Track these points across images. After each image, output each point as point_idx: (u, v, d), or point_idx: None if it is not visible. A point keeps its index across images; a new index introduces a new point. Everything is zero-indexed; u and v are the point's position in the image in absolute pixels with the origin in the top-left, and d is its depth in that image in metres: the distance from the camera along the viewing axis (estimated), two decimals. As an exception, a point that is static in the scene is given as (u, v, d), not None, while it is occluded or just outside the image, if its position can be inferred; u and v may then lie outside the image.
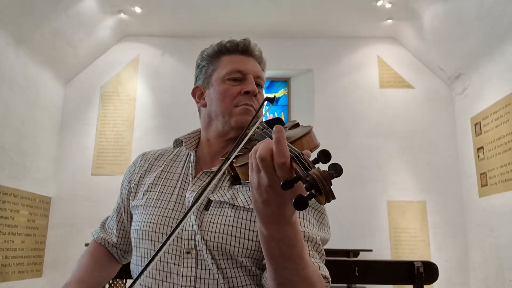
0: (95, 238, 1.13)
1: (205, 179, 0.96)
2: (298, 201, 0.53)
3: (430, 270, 1.16)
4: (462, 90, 4.72)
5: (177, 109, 4.90)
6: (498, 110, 4.00)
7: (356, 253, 4.29)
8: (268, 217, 0.65)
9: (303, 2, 4.56)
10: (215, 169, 0.96)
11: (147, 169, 1.07)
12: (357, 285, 3.26)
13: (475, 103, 4.44)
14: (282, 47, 5.14)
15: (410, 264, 1.18)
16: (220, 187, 0.93)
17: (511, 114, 3.82)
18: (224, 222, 0.87)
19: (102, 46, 5.06)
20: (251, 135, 0.84)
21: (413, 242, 4.64)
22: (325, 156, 0.58)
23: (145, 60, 5.19)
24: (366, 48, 5.21)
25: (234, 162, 0.79)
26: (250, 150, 0.66)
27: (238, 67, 1.00)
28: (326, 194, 0.52)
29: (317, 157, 0.59)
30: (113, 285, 3.27)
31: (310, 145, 0.75)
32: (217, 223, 0.87)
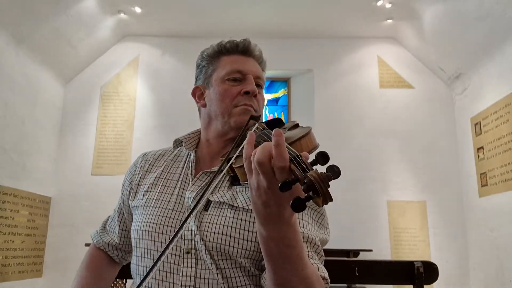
0: (95, 242, 1.13)
1: (204, 179, 0.96)
2: (296, 203, 0.53)
3: (430, 270, 1.16)
4: (462, 90, 4.72)
5: (177, 109, 4.90)
6: (498, 110, 4.00)
7: (356, 253, 4.29)
8: (267, 218, 0.65)
9: (303, 2, 4.56)
10: (215, 169, 0.96)
11: (148, 169, 1.07)
12: (357, 285, 3.26)
13: (475, 103, 4.45)
14: (282, 47, 5.14)
15: (410, 264, 1.18)
16: (219, 188, 0.93)
17: (511, 114, 3.82)
18: (223, 222, 0.87)
19: (102, 46, 5.06)
20: None
21: (413, 242, 4.64)
22: (323, 157, 0.58)
23: (145, 60, 5.19)
24: (366, 48, 5.21)
25: (234, 163, 0.79)
26: None
27: (238, 68, 1.00)
28: (323, 196, 0.52)
29: (315, 158, 0.59)
30: (113, 285, 3.27)
31: (309, 146, 0.74)
32: (216, 224, 0.87)
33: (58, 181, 4.77)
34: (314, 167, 0.57)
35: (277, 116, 5.41)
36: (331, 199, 0.52)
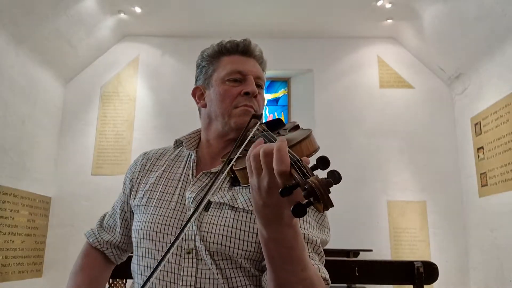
0: (91, 241, 1.12)
1: (204, 180, 0.96)
2: (297, 208, 0.53)
3: (430, 270, 1.16)
4: (462, 90, 4.72)
5: (177, 109, 4.90)
6: (498, 110, 4.00)
7: (356, 253, 4.29)
8: (268, 219, 0.65)
9: (303, 2, 4.56)
10: (215, 170, 0.96)
11: (149, 168, 1.07)
12: (357, 285, 3.26)
13: (475, 103, 4.45)
14: (282, 47, 5.14)
15: (410, 264, 1.18)
16: (220, 188, 0.93)
17: (511, 114, 3.82)
18: (223, 223, 0.87)
19: (102, 46, 5.06)
20: (251, 137, 0.84)
21: (413, 242, 4.64)
22: (323, 162, 0.59)
23: (145, 60, 5.19)
24: (366, 48, 5.21)
25: (234, 165, 0.79)
26: None
27: (238, 68, 0.99)
28: (324, 202, 0.52)
29: (315, 163, 0.59)
30: (113, 285, 3.27)
31: (309, 148, 0.75)
32: (216, 224, 0.87)
33: (58, 181, 4.77)
34: (315, 173, 0.58)
35: (277, 116, 5.41)
36: (332, 205, 0.53)
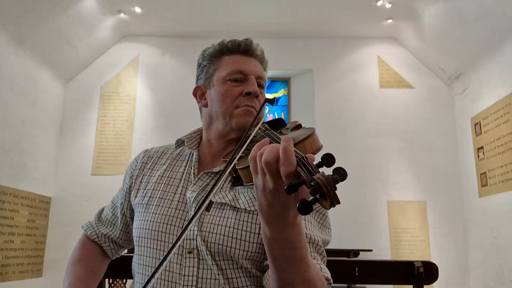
0: (88, 233, 1.10)
1: (205, 180, 0.96)
2: (303, 205, 0.53)
3: (430, 270, 1.16)
4: (462, 90, 4.72)
5: (177, 109, 4.90)
6: (498, 110, 4.00)
7: (356, 253, 4.29)
8: (271, 219, 0.65)
9: (303, 2, 4.56)
10: (216, 169, 0.96)
11: (151, 167, 1.06)
12: (357, 285, 3.26)
13: (475, 103, 4.44)
14: (282, 47, 5.14)
15: (410, 264, 1.18)
16: (221, 188, 0.93)
17: (511, 114, 3.82)
18: (224, 223, 0.87)
19: (102, 46, 5.06)
20: (253, 137, 0.83)
21: (413, 242, 4.64)
22: (329, 160, 0.58)
23: (145, 60, 5.19)
24: (366, 48, 5.21)
25: (237, 164, 0.79)
26: None
27: (240, 68, 0.99)
28: (330, 199, 0.52)
29: (320, 161, 0.58)
30: (113, 285, 3.26)
31: (313, 147, 0.74)
32: (217, 225, 0.87)
33: (58, 181, 4.77)
34: (320, 170, 0.57)
35: (277, 116, 5.41)
36: (339, 202, 0.52)
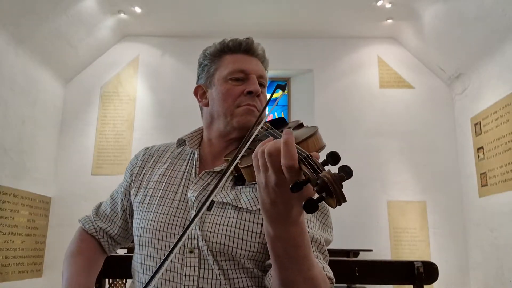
0: (87, 227, 1.09)
1: (206, 179, 0.95)
2: (308, 204, 0.52)
3: (430, 270, 1.16)
4: (462, 90, 4.72)
5: (177, 109, 4.90)
6: (498, 110, 4.00)
7: (356, 253, 4.29)
8: (274, 217, 0.64)
9: (303, 2, 4.56)
10: (217, 169, 0.95)
11: (152, 165, 1.06)
12: (357, 285, 3.26)
13: (475, 103, 4.44)
14: (282, 47, 5.14)
15: (410, 264, 1.18)
16: (223, 188, 0.92)
17: (511, 114, 3.82)
18: (226, 223, 0.86)
19: (102, 46, 5.06)
20: (255, 136, 0.83)
21: (413, 242, 4.64)
22: (334, 158, 0.57)
23: (145, 60, 5.19)
24: (366, 48, 5.21)
25: (239, 163, 0.78)
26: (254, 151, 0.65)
27: (241, 67, 0.98)
28: (337, 197, 0.52)
29: (325, 159, 0.58)
30: (113, 285, 3.26)
31: (316, 146, 0.74)
32: (219, 224, 0.86)
33: (58, 181, 4.77)
34: (326, 168, 0.57)
35: (277, 116, 5.41)
36: (345, 200, 0.52)
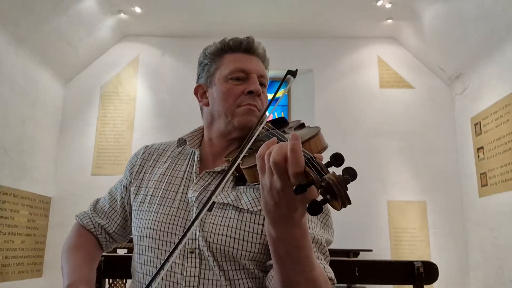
0: (85, 223, 1.08)
1: (207, 179, 0.95)
2: (313, 206, 0.52)
3: (430, 270, 1.16)
4: (462, 90, 4.72)
5: (177, 109, 4.90)
6: (498, 110, 4.00)
7: (356, 253, 4.29)
8: (277, 218, 0.64)
9: (303, 2, 4.56)
10: (218, 169, 0.95)
11: (152, 164, 1.05)
12: (357, 285, 3.25)
13: (475, 103, 4.44)
14: (282, 47, 5.13)
15: (410, 264, 1.18)
16: (223, 188, 0.92)
17: (511, 114, 3.82)
18: (227, 224, 0.86)
19: (102, 46, 5.06)
20: (256, 136, 0.82)
21: (413, 242, 4.64)
22: (338, 159, 0.57)
23: (145, 60, 5.19)
24: (366, 48, 5.21)
25: (241, 163, 0.78)
26: (256, 151, 0.64)
27: (241, 66, 0.98)
28: (342, 199, 0.51)
29: (329, 160, 0.57)
30: (113, 285, 3.26)
31: (318, 147, 0.73)
32: (219, 225, 0.86)
33: (58, 181, 4.77)
34: (330, 170, 0.56)
35: (277, 116, 5.41)
36: (350, 202, 0.51)
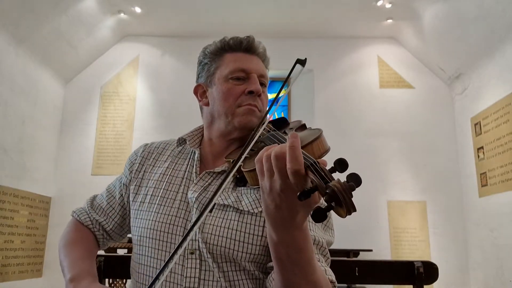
0: (82, 219, 1.07)
1: (207, 179, 0.94)
2: (317, 213, 0.51)
3: (430, 270, 1.16)
4: (462, 90, 4.72)
5: (177, 109, 4.90)
6: (498, 110, 4.00)
7: (356, 253, 4.29)
8: (278, 221, 0.64)
9: (303, 2, 4.56)
10: (218, 169, 0.94)
11: (152, 163, 1.04)
12: (357, 285, 3.26)
13: (475, 103, 4.44)
14: (282, 47, 5.12)
15: (410, 264, 1.18)
16: (223, 189, 0.91)
17: (511, 114, 3.82)
18: (227, 225, 0.85)
19: (102, 46, 5.06)
20: (258, 137, 0.81)
21: (413, 242, 4.64)
22: (342, 165, 0.55)
23: (145, 60, 5.19)
24: (366, 48, 5.21)
25: (242, 165, 0.77)
26: (257, 153, 0.64)
27: (242, 66, 0.97)
28: (347, 207, 0.50)
29: (333, 166, 0.56)
30: (113, 285, 3.26)
31: (321, 149, 0.72)
32: (220, 226, 0.86)
33: (58, 181, 4.77)
34: (334, 176, 0.55)
35: (277, 116, 5.41)
36: (355, 210, 0.50)
